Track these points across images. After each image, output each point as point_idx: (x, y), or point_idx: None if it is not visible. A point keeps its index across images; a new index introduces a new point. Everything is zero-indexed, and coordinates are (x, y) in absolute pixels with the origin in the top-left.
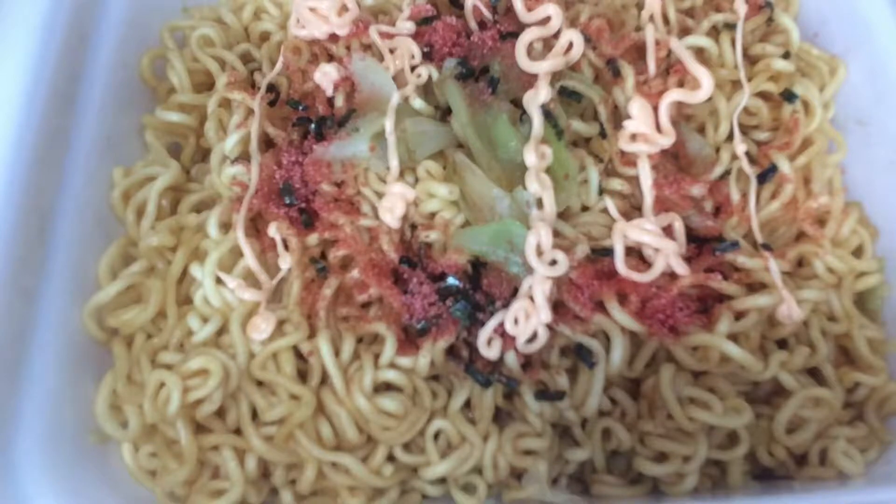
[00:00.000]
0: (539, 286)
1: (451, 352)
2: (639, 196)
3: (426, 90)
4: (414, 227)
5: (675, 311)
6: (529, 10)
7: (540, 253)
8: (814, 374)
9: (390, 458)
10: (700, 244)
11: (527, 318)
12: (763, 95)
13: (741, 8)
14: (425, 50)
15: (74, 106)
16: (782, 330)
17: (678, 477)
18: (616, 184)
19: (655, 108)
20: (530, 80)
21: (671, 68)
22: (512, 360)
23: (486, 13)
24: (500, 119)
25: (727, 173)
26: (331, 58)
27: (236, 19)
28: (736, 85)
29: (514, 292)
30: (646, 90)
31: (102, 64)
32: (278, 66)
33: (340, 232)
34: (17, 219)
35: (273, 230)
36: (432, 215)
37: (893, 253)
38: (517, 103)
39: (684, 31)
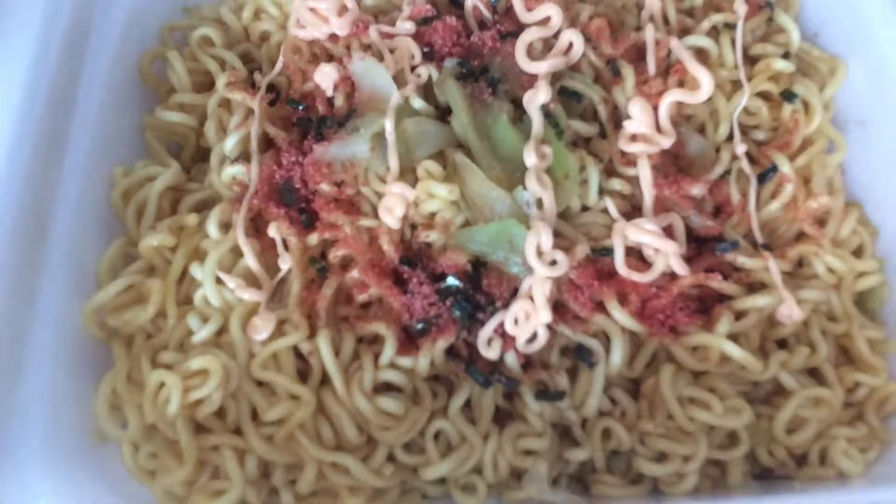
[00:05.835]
0: (539, 286)
1: (451, 352)
2: (639, 196)
3: (426, 90)
4: (414, 227)
5: (675, 311)
6: (529, 10)
7: (540, 253)
8: (814, 374)
9: (390, 458)
10: (700, 244)
11: (527, 319)
12: (763, 95)
13: (741, 8)
14: (425, 50)
15: (74, 106)
16: (782, 330)
17: (678, 477)
18: (616, 184)
19: (655, 109)
20: (530, 80)
21: (671, 68)
22: (512, 360)
23: (486, 13)
24: (500, 119)
25: (727, 173)
26: (331, 58)
27: (236, 19)
28: (736, 85)
29: (514, 292)
30: (646, 90)
31: (102, 64)
32: (278, 66)
33: (340, 232)
34: (17, 219)
35: (273, 230)
36: (432, 215)
37: (893, 253)
38: (517, 103)
39: (684, 31)
